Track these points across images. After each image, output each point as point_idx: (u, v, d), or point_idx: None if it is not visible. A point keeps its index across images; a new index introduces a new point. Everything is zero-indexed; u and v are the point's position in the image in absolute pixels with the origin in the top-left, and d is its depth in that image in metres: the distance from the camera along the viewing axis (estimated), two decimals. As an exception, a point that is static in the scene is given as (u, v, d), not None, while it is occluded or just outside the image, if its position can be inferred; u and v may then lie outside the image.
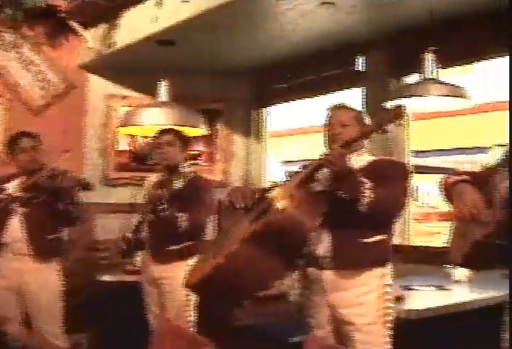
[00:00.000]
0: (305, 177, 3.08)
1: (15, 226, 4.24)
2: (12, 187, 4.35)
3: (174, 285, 4.15)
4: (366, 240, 3.13)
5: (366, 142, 3.32)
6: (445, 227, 5.48)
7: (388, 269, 3.21)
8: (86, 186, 4.24)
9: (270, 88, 6.51)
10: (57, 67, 6.24)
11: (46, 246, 4.33)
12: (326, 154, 3.00)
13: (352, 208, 2.98)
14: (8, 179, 4.42)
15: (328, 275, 3.17)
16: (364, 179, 3.00)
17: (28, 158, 4.33)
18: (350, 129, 3.21)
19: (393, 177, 3.16)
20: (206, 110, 5.76)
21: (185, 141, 4.45)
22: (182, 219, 4.09)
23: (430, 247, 5.40)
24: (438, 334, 3.65)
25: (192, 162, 4.52)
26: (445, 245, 3.06)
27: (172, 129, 4.51)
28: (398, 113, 2.94)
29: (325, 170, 3.06)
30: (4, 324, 3.58)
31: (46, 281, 4.34)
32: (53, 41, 6.23)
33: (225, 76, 6.32)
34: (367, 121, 3.29)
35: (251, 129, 6.68)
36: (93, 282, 5.48)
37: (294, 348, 4.03)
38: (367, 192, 2.96)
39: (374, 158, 3.34)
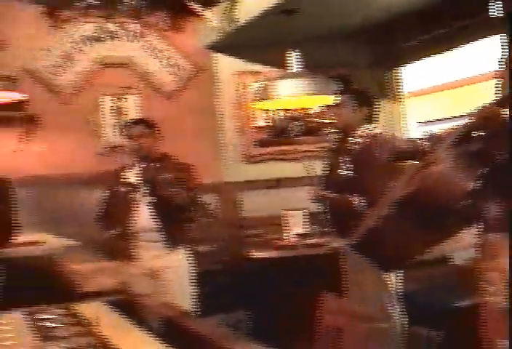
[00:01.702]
0: (460, 136, 2.83)
1: (144, 215, 4.26)
2: (132, 175, 4.36)
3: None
4: None
5: None
6: None
7: None
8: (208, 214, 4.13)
9: (399, 47, 6.26)
10: (183, 51, 6.27)
11: (175, 234, 4.33)
12: (477, 112, 2.65)
13: None
14: (129, 166, 4.43)
15: (499, 239, 2.94)
16: None
17: (138, 145, 4.33)
18: None
19: None
20: (335, 77, 5.60)
21: (363, 100, 4.19)
22: (358, 203, 3.91)
23: None
24: None
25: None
26: None
27: (350, 88, 4.34)
28: None
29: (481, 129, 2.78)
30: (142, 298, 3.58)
31: (177, 266, 4.33)
32: (176, 24, 6.25)
33: (349, 40, 6.14)
34: None
35: (385, 90, 6.48)
36: (246, 259, 5.49)
37: (459, 313, 3.88)
38: None
39: None
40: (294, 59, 5.13)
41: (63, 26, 5.95)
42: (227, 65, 6.28)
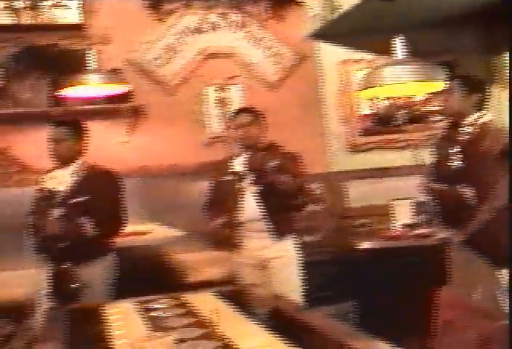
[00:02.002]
0: None
1: (250, 205, 4.21)
2: (238, 164, 4.32)
3: None
4: None
5: None
6: None
7: None
8: (311, 201, 4.05)
9: (508, 31, 6.02)
10: (286, 40, 6.25)
11: (282, 223, 4.26)
12: None
13: None
14: (235, 156, 4.40)
15: None
16: None
17: (244, 134, 4.29)
18: None
19: None
20: (442, 63, 5.45)
21: (473, 86, 4.02)
22: (469, 195, 3.70)
23: None
24: None
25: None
26: None
27: (459, 74, 4.18)
28: None
29: None
30: (250, 289, 3.56)
31: (282, 255, 4.26)
32: (278, 13, 6.23)
33: (455, 25, 5.95)
34: None
35: (493, 76, 6.26)
36: (352, 250, 5.43)
37: None
38: None
39: None
40: (398, 46, 5.00)
41: (166, 18, 6.02)
42: (330, 53, 6.20)
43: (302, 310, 3.16)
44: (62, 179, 4.05)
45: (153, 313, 3.01)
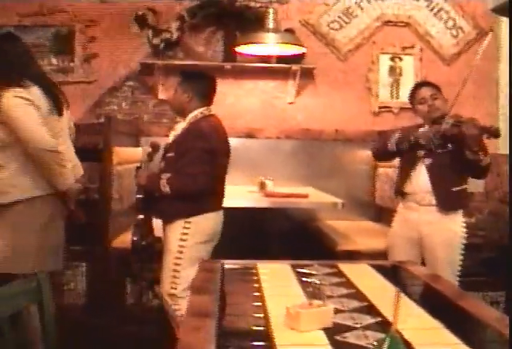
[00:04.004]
0: None
1: (421, 176, 4.10)
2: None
3: None
4: None
5: None
6: None
7: None
8: (494, 133, 3.80)
9: None
10: (467, 13, 6.02)
11: (451, 197, 4.11)
12: None
13: None
14: (416, 128, 4.28)
15: None
16: None
17: (426, 108, 4.15)
18: None
19: None
20: None
21: None
22: None
23: None
24: None
25: None
26: None
27: None
28: None
29: None
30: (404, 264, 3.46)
31: (446, 233, 4.12)
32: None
33: None
34: None
35: None
36: (506, 236, 5.24)
37: None
38: None
39: None
40: None
41: (346, -19, 5.97)
42: (512, 30, 5.94)
43: (462, 294, 3.05)
44: (173, 132, 4.08)
45: (306, 279, 2.96)
